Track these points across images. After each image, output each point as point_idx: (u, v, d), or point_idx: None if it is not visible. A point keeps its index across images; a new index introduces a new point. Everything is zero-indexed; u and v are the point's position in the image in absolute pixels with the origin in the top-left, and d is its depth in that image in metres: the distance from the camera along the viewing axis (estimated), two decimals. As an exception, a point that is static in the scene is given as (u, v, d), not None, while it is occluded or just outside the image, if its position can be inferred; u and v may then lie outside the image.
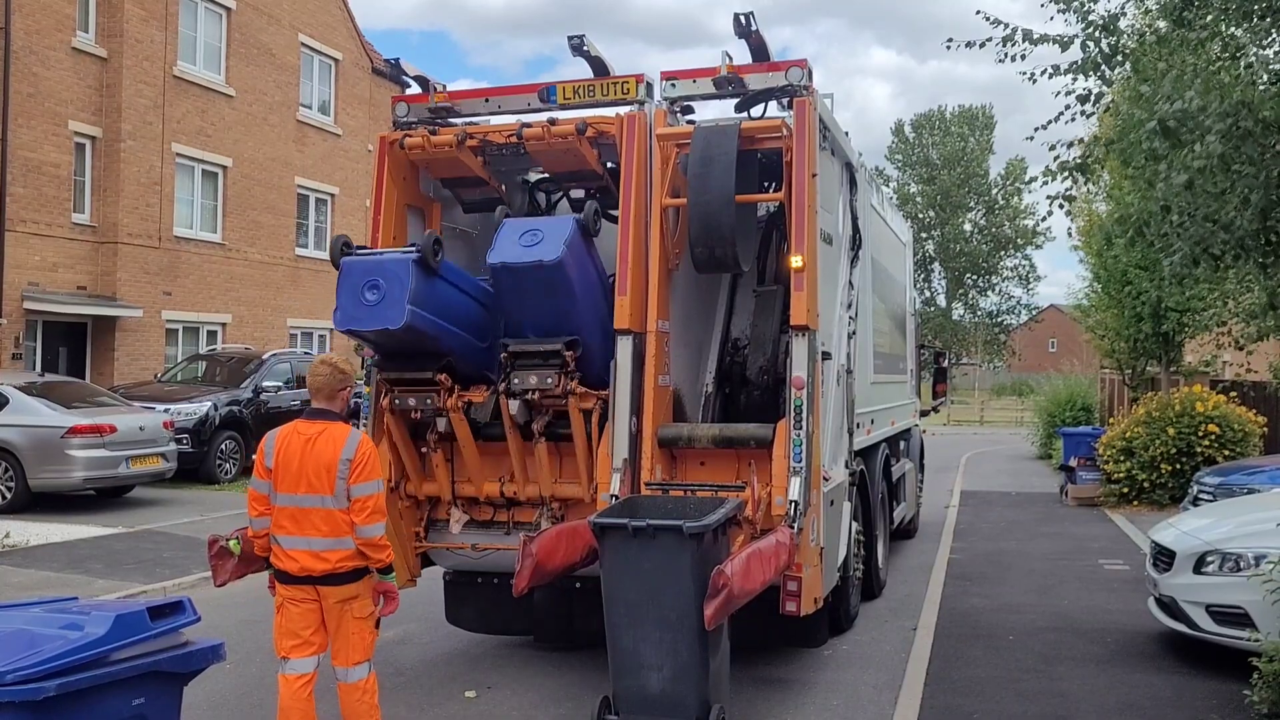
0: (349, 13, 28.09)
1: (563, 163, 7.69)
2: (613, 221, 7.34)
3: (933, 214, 67.03)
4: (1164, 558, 8.02)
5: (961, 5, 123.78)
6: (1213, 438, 15.93)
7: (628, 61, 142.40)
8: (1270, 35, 7.39)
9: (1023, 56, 7.97)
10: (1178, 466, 15.96)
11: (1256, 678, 6.09)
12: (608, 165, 7.71)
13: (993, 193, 67.24)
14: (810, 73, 7.13)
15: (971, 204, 67.68)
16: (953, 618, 9.13)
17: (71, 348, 20.51)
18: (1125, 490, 16.60)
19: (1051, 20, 8.23)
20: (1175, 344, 20.55)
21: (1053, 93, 8.83)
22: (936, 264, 68.04)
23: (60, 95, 19.82)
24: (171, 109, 21.97)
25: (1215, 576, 7.51)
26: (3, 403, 14.25)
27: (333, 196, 27.51)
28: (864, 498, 9.11)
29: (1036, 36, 7.85)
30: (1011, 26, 7.94)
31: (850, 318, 8.50)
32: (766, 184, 7.68)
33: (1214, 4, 7.17)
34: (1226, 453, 15.74)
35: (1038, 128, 8.35)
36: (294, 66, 25.80)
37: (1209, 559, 7.60)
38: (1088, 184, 10.11)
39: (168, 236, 22.02)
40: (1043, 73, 8.05)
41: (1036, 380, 42.11)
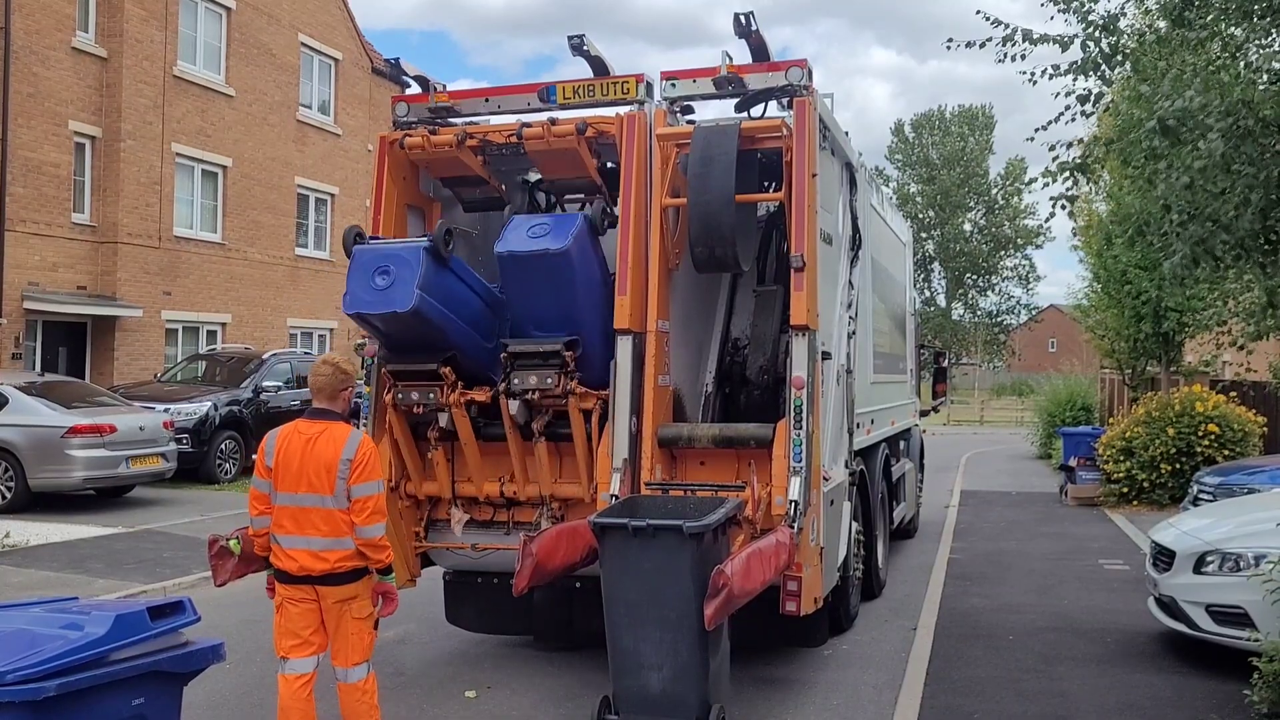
0: (349, 13, 28.08)
1: (559, 167, 7.69)
2: (612, 225, 7.35)
3: (933, 214, 67.09)
4: (1164, 558, 8.02)
5: (961, 5, 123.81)
6: (1213, 438, 15.93)
7: (628, 61, 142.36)
8: (1270, 35, 7.38)
9: (1023, 56, 7.96)
10: (1178, 466, 15.96)
11: (1256, 678, 6.09)
12: (607, 165, 7.71)
13: (993, 193, 67.31)
14: (810, 73, 7.13)
15: (971, 204, 67.75)
16: (953, 617, 9.13)
17: (71, 348, 20.51)
18: (1125, 490, 16.60)
19: (1051, 20, 8.22)
20: (1175, 344, 20.53)
21: (1053, 93, 8.82)
22: (936, 264, 68.10)
23: (60, 95, 19.82)
24: (171, 109, 21.97)
25: (1215, 576, 7.51)
26: (3, 403, 14.25)
27: (333, 196, 27.51)
28: (864, 498, 9.12)
29: (1036, 36, 7.84)
30: (1011, 26, 7.93)
31: (850, 318, 8.50)
32: (766, 184, 7.69)
33: (1214, 4, 7.16)
34: (1226, 453, 15.74)
35: (1038, 128, 8.34)
36: (294, 66, 25.80)
37: (1209, 559, 7.61)
38: (1088, 184, 10.10)
39: (168, 236, 22.02)
40: (1043, 73, 8.05)
41: (1036, 380, 42.12)
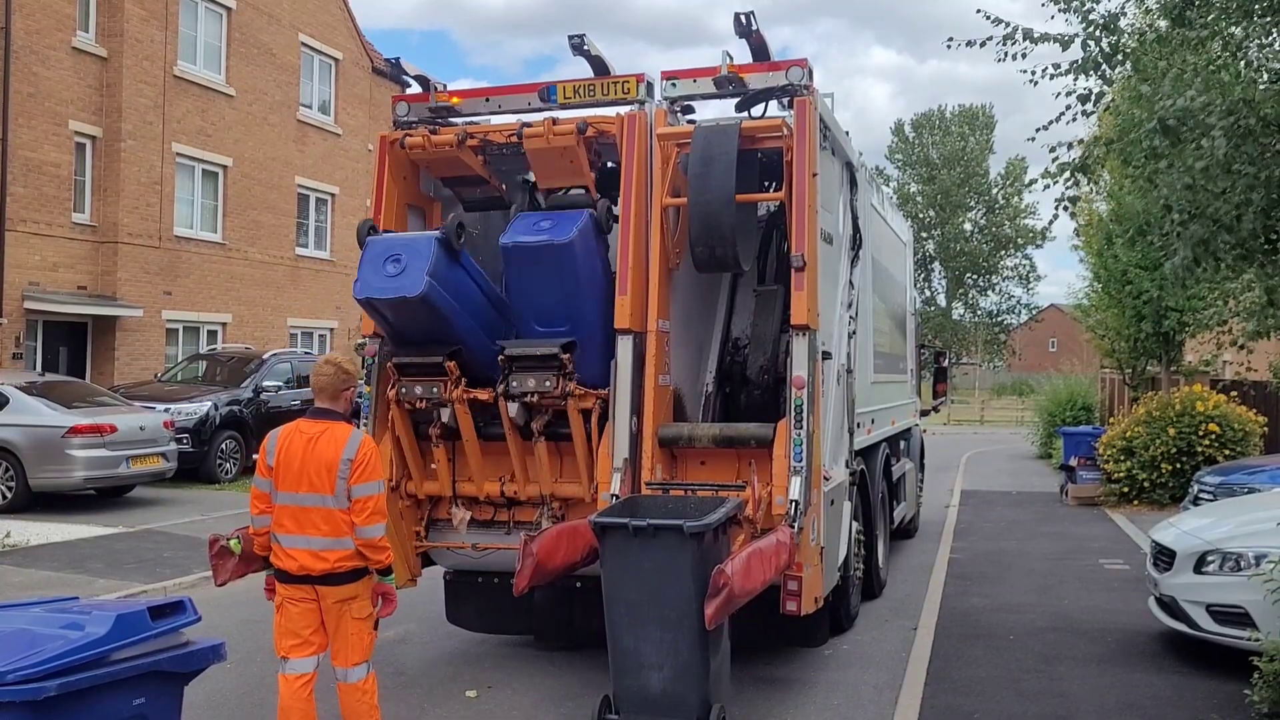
0: (349, 12, 28.08)
1: (556, 170, 7.67)
2: (613, 223, 7.35)
3: (933, 214, 67.09)
4: (1164, 557, 8.02)
5: (961, 5, 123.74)
6: (1213, 437, 15.93)
7: (628, 61, 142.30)
8: (1271, 34, 7.38)
9: (1023, 55, 7.97)
10: (1178, 466, 15.96)
11: (1257, 677, 6.08)
12: (608, 165, 7.71)
13: (993, 192, 67.30)
14: (810, 72, 7.13)
15: (971, 204, 67.75)
16: (953, 617, 9.13)
17: (72, 347, 20.51)
18: (1125, 490, 16.59)
19: (1052, 19, 8.24)
20: (1175, 343, 20.52)
21: (1053, 93, 8.83)
22: (936, 264, 68.09)
23: (60, 95, 19.82)
24: (172, 109, 21.97)
25: (1216, 576, 7.51)
26: (3, 402, 14.25)
27: (333, 196, 27.51)
28: (864, 497, 9.11)
29: (1037, 35, 7.85)
30: (1012, 26, 7.94)
31: (851, 317, 8.49)
32: (767, 183, 7.68)
33: (1215, 3, 7.17)
34: (1227, 452, 15.74)
35: (1038, 128, 8.35)
36: (294, 66, 25.80)
37: (1209, 558, 7.60)
38: (1089, 184, 10.10)
39: (168, 236, 22.02)
40: (1043, 72, 8.06)
41: (1036, 380, 42.17)
